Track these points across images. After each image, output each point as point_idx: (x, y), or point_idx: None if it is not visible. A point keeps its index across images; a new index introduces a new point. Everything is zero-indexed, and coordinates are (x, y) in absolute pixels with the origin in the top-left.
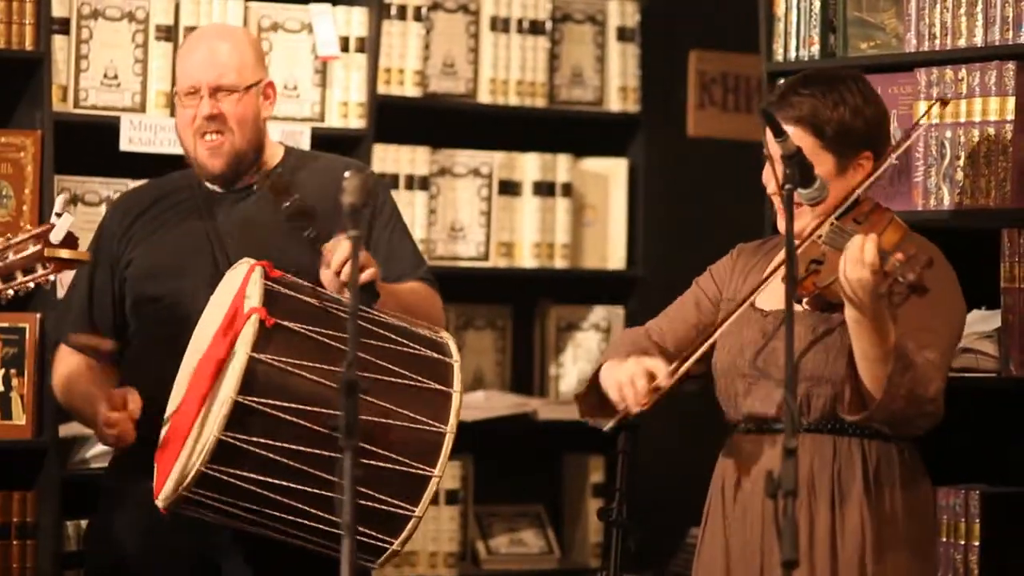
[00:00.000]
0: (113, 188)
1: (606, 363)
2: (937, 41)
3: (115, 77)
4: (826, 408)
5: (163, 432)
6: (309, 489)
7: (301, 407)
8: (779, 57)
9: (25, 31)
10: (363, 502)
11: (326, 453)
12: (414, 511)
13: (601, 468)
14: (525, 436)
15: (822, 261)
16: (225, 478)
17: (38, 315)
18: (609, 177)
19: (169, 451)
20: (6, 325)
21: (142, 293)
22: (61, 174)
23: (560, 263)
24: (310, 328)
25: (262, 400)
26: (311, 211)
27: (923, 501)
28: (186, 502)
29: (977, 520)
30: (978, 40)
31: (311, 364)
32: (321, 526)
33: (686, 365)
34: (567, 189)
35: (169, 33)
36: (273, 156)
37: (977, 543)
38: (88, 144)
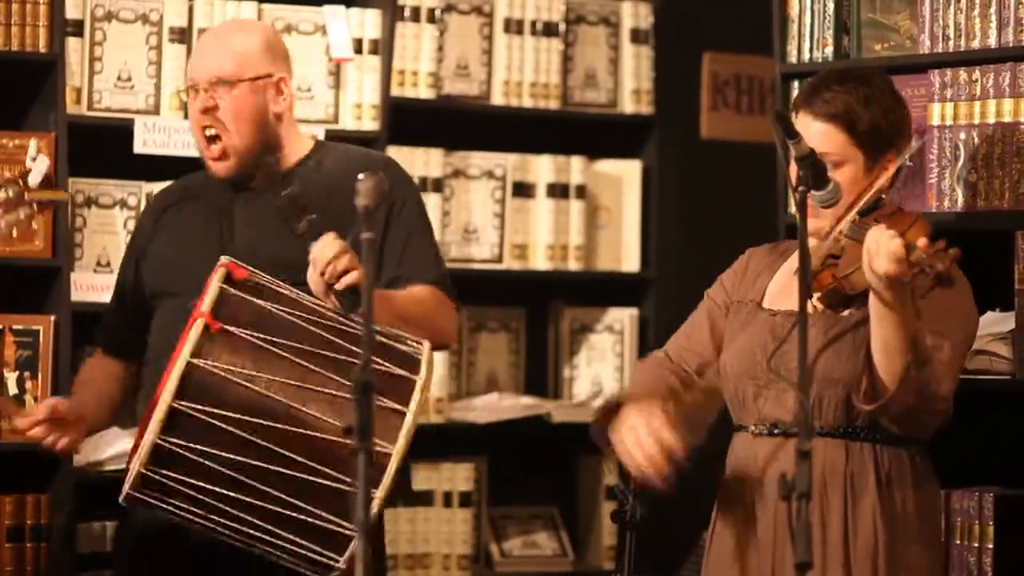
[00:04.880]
0: (127, 190)
1: (626, 407)
2: (951, 42)
3: (129, 79)
4: (838, 411)
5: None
6: (246, 498)
7: (238, 416)
8: (792, 59)
9: (39, 33)
10: (304, 517)
11: (262, 464)
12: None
13: (614, 470)
14: (539, 438)
15: (839, 256)
16: (165, 480)
17: (52, 317)
18: (623, 179)
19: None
20: (21, 327)
21: (158, 285)
22: (75, 176)
23: (574, 265)
24: (259, 336)
25: (196, 406)
26: (304, 206)
27: (933, 505)
28: (136, 500)
29: (991, 522)
30: (992, 41)
31: (254, 373)
32: (260, 534)
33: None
34: (581, 191)
35: (183, 35)
36: (297, 150)
37: (991, 545)
38: (102, 146)
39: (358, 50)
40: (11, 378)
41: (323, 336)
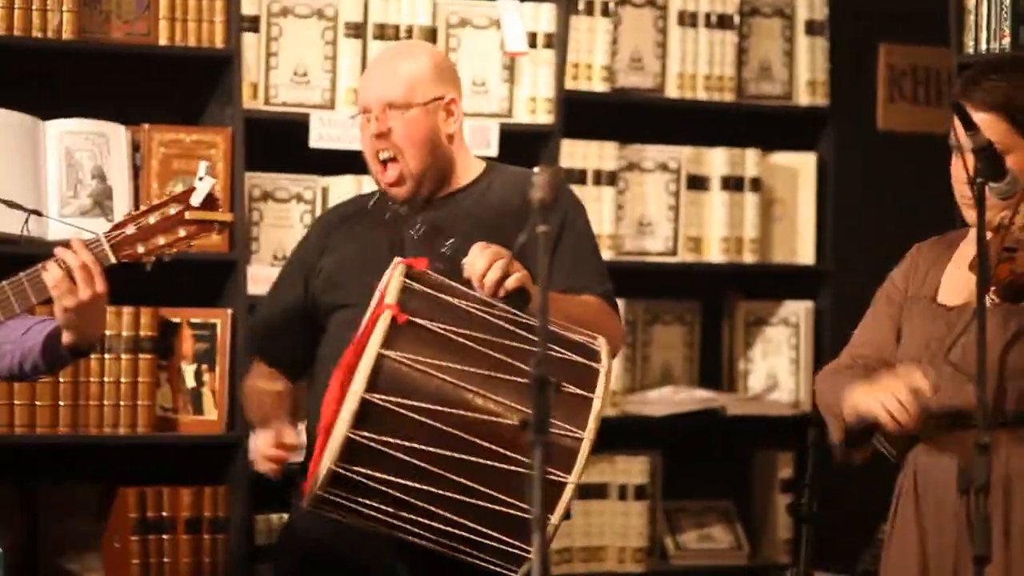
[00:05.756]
0: (303, 184)
1: (851, 392)
2: None
3: (305, 74)
4: (1022, 402)
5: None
6: (438, 491)
7: (430, 407)
8: (970, 50)
9: (215, 29)
10: (497, 507)
11: (456, 455)
12: (549, 519)
13: (790, 463)
14: (714, 432)
15: (1016, 248)
16: (356, 477)
17: (230, 311)
18: (798, 171)
19: (314, 455)
20: (198, 321)
21: (327, 302)
22: (251, 171)
23: (749, 258)
24: (447, 327)
25: (389, 398)
26: (442, 229)
27: None
28: (323, 502)
29: None
30: None
31: (443, 363)
32: (452, 529)
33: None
34: (756, 184)
35: (358, 30)
36: (468, 171)
37: None
38: (278, 141)
39: (532, 44)
40: (189, 371)
41: (503, 326)
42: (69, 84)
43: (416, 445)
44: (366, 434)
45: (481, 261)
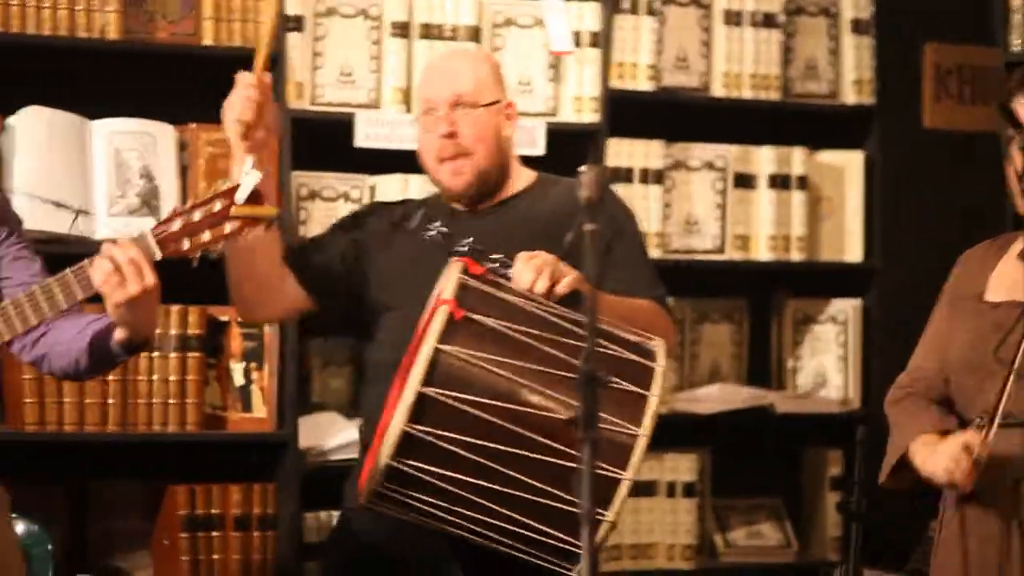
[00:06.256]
0: (350, 183)
1: (913, 444)
2: None
3: (350, 74)
4: None
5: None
6: (495, 486)
7: (487, 401)
8: (1016, 48)
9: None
10: (553, 503)
11: (512, 450)
12: (605, 515)
13: (839, 461)
14: (762, 429)
15: None
16: (412, 472)
17: None
18: (845, 169)
19: (370, 452)
20: None
21: (376, 301)
22: (297, 170)
23: (796, 256)
24: (503, 323)
25: (446, 392)
26: (481, 250)
27: None
28: (379, 497)
29: None
30: None
31: (500, 359)
32: (507, 525)
33: (995, 427)
34: (803, 182)
35: (404, 30)
36: (519, 179)
37: None
38: (323, 140)
39: (577, 43)
40: (237, 369)
41: (559, 323)
42: (116, 84)
43: (472, 440)
44: (422, 428)
45: (528, 272)
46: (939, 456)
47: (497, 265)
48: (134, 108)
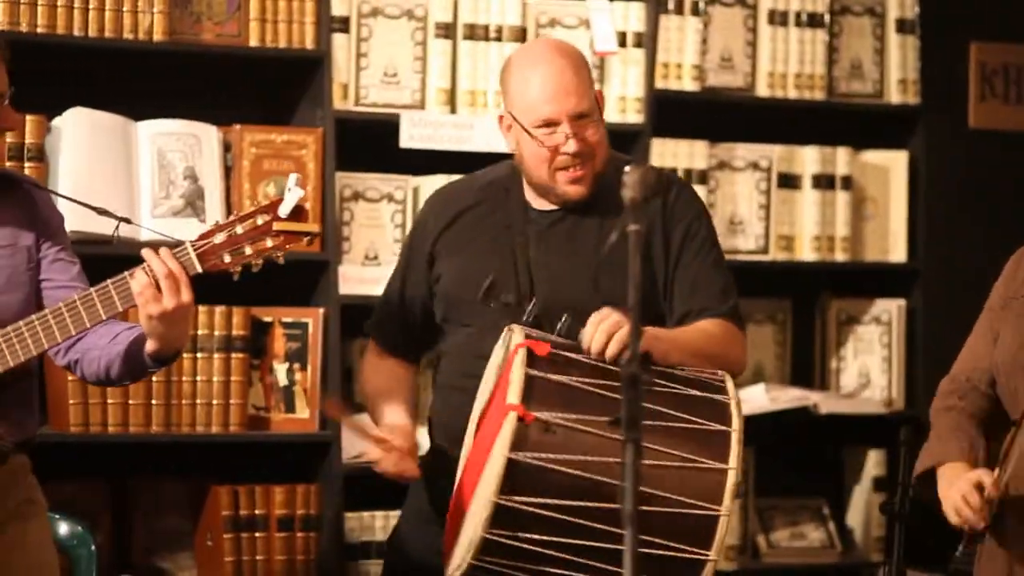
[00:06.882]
0: (394, 184)
1: (940, 468)
2: None
3: (395, 75)
4: None
5: (452, 495)
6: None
7: (562, 502)
8: None
9: (306, 30)
10: (656, 551)
11: (596, 544)
12: (708, 555)
13: (883, 461)
14: (806, 429)
15: None
16: (491, 568)
17: (322, 310)
18: (889, 170)
19: (454, 518)
20: (290, 320)
21: (449, 312)
22: (342, 171)
23: (840, 256)
24: (571, 416)
25: (521, 498)
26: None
27: None
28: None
29: None
30: None
31: (569, 457)
32: None
33: (1008, 471)
34: (847, 182)
35: (448, 30)
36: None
37: None
38: (368, 141)
39: (622, 43)
40: (280, 370)
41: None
42: (160, 85)
43: (551, 538)
44: (500, 532)
45: (600, 337)
46: (954, 491)
47: (563, 328)
48: (179, 109)
